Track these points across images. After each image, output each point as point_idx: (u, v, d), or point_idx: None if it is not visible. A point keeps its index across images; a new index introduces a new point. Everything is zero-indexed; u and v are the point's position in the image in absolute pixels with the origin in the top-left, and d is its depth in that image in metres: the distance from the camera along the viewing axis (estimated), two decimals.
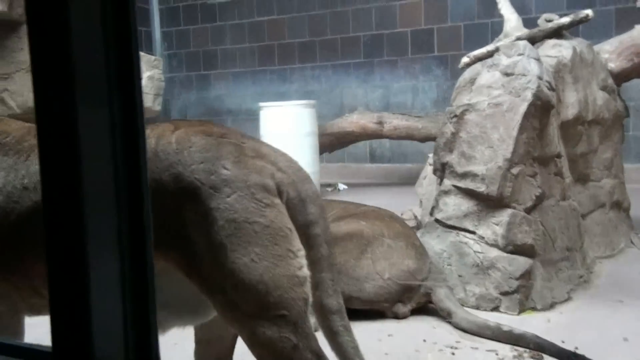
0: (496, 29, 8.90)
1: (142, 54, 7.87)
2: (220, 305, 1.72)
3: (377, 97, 9.71)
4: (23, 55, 6.83)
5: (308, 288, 1.75)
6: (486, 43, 8.94)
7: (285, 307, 1.68)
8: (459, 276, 3.57)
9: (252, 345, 1.75)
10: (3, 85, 6.80)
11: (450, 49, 9.18)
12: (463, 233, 3.62)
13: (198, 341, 2.12)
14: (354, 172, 9.68)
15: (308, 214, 1.81)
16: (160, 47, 10.46)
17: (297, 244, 1.75)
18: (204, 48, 11.00)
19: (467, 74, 4.01)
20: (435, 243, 3.68)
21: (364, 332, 3.23)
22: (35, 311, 1.96)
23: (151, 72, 7.72)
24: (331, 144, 8.42)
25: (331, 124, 8.43)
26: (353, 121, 8.29)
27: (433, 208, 3.80)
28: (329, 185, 8.87)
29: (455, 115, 3.65)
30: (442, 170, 3.75)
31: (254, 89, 10.66)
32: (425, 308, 3.48)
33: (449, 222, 3.67)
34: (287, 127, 7.78)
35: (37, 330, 1.69)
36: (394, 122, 8.15)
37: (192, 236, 1.68)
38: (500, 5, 5.85)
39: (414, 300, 3.42)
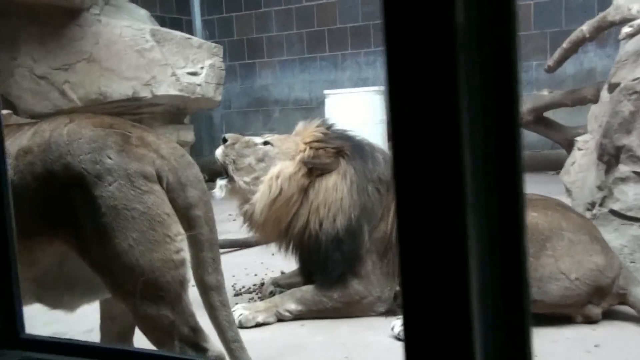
0: (570, 5, 8.43)
1: (202, 41, 7.42)
2: (108, 284, 1.90)
3: None
4: (85, 44, 6.40)
5: (185, 270, 1.92)
6: (559, 20, 8.51)
7: (162, 288, 1.87)
8: None
9: (136, 320, 1.96)
10: (64, 77, 6.36)
11: (520, 29, 8.68)
12: None
13: (102, 317, 2.31)
14: None
15: (188, 197, 1.96)
16: (201, 36, 10.01)
17: (175, 229, 1.90)
18: (248, 36, 10.53)
19: (630, 46, 3.56)
20: (612, 237, 3.24)
21: (562, 342, 2.80)
22: None
23: (212, 60, 7.26)
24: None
25: None
26: None
27: (605, 198, 3.35)
28: None
29: (636, 92, 3.20)
30: (615, 154, 3.30)
31: (302, 78, 10.20)
32: (614, 311, 3.04)
33: (630, 214, 3.23)
34: (356, 115, 7.33)
35: None
36: None
37: (80, 221, 1.85)
38: None
39: (606, 302, 2.98)
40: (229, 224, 6.18)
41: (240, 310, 3.24)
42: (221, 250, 4.87)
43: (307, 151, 3.34)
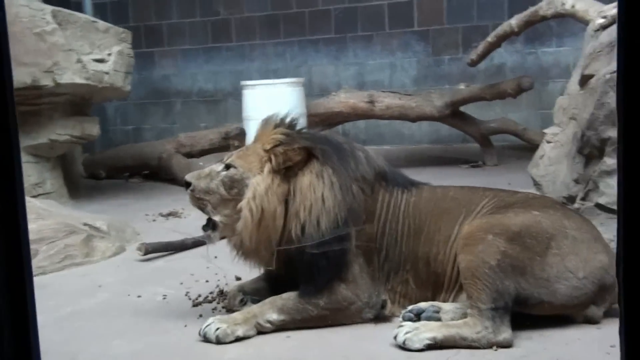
0: (482, 1, 8.55)
1: (109, 25, 6.80)
2: None
3: (351, 76, 9.10)
4: None
5: None
6: (471, 16, 8.60)
7: None
8: None
9: None
10: None
11: (432, 24, 8.73)
12: None
13: None
14: None
15: None
16: None
17: None
18: (146, 22, 9.90)
19: (604, 38, 3.50)
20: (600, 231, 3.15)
21: (574, 344, 2.67)
22: None
23: (120, 46, 6.68)
24: (316, 126, 7.72)
25: (316, 104, 7.74)
26: (341, 101, 7.64)
27: (589, 191, 3.27)
28: None
29: None
30: (600, 147, 3.23)
31: (207, 68, 9.72)
32: (612, 311, 2.96)
33: (616, 207, 3.16)
34: (275, 107, 6.99)
35: None
36: (386, 100, 7.58)
37: None
38: None
39: (608, 301, 2.89)
40: (147, 224, 5.70)
41: (216, 324, 2.86)
42: (155, 255, 4.45)
43: (274, 160, 3.02)
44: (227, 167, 3.12)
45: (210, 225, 3.14)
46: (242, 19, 9.47)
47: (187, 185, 3.13)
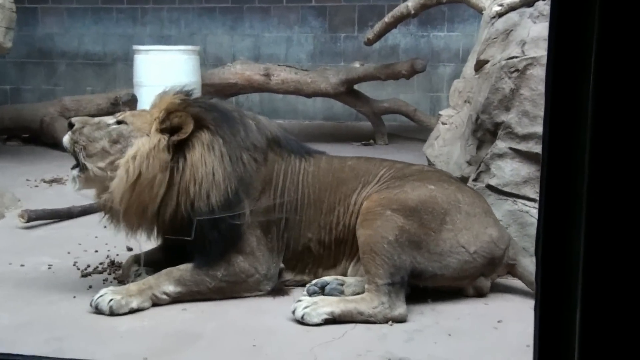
0: None
1: None
2: None
3: (246, 47, 8.96)
4: None
5: None
6: None
7: None
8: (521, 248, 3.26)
9: None
10: None
11: (330, 0, 8.74)
12: (522, 201, 3.30)
13: None
14: None
15: None
16: None
17: None
18: None
19: (499, 25, 3.63)
20: None
21: (465, 319, 2.79)
22: None
23: None
24: (210, 95, 7.58)
25: (211, 74, 7.58)
26: (237, 72, 7.52)
27: (480, 173, 3.41)
28: None
29: (517, 70, 3.28)
30: (493, 131, 3.37)
31: (95, 30, 9.26)
32: (497, 284, 3.12)
33: (506, 189, 3.32)
34: (168, 76, 6.77)
35: None
36: (282, 74, 7.54)
37: None
38: None
39: (496, 273, 3.04)
40: (29, 190, 5.40)
41: (110, 295, 2.76)
42: (39, 222, 4.22)
43: (162, 116, 2.95)
44: (119, 122, 3.01)
45: (80, 167, 2.99)
46: None
47: (70, 126, 2.99)
